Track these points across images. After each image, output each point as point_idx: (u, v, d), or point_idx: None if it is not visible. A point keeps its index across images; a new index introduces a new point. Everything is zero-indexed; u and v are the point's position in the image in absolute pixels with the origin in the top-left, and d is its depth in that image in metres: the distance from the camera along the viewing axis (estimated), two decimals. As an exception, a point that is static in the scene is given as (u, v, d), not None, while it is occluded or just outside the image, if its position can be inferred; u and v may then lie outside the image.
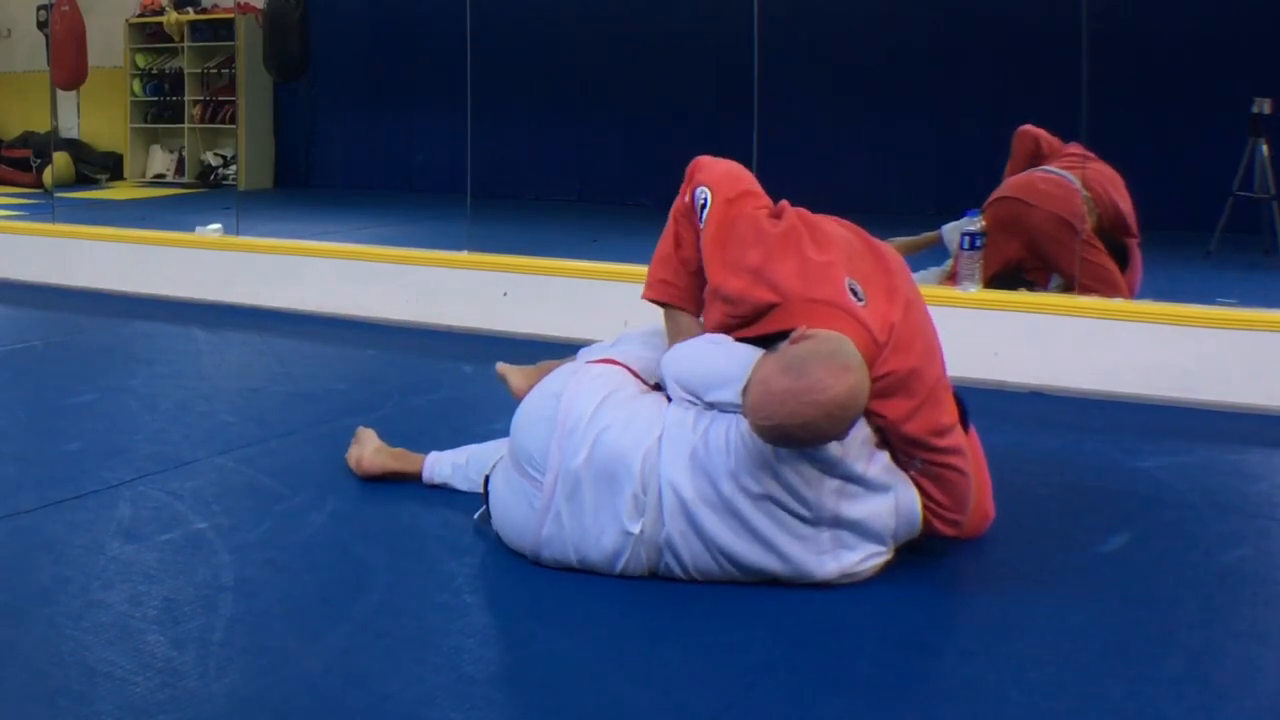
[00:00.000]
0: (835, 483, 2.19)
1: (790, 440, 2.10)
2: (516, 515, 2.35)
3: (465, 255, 5.00)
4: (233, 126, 9.30)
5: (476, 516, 2.55)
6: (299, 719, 1.81)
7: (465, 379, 4.05)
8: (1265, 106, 5.09)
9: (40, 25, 8.66)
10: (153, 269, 5.54)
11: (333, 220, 7.49)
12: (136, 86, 9.93)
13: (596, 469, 2.24)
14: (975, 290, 4.09)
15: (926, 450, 2.28)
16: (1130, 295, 4.28)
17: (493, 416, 3.20)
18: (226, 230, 5.67)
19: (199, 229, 5.67)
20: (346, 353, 4.53)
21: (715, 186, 2.45)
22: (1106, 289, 4.19)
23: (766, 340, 2.28)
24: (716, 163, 2.54)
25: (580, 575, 2.31)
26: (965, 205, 4.45)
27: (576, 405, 2.30)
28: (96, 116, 9.72)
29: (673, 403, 2.33)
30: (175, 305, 5.30)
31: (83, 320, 5.05)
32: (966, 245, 4.15)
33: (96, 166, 9.64)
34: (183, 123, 9.72)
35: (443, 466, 2.79)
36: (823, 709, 1.86)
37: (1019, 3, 6.57)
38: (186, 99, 9.69)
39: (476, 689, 1.90)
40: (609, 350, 2.53)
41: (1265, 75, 5.40)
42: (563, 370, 2.49)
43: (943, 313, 2.93)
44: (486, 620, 2.19)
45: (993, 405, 3.35)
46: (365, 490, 2.82)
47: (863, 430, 2.23)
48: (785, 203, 2.51)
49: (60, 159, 8.92)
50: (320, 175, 9.40)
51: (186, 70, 9.71)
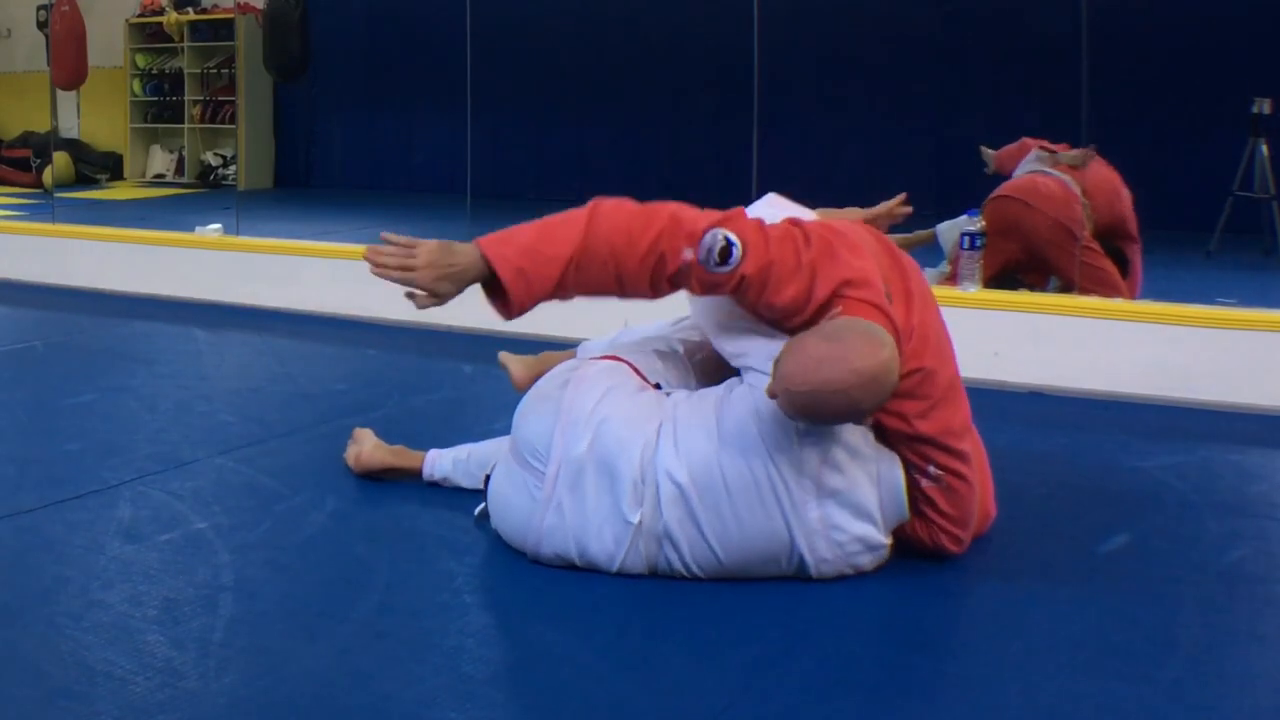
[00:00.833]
0: (818, 451, 2.20)
1: (821, 409, 2.10)
2: (518, 507, 2.36)
3: (465, 255, 4.99)
4: (233, 126, 9.30)
5: (477, 513, 2.56)
6: (299, 719, 1.81)
7: (465, 379, 4.05)
8: (1265, 106, 5.09)
9: (40, 25, 8.66)
10: (153, 269, 5.54)
11: (333, 220, 7.49)
12: (136, 86, 9.93)
13: (598, 459, 2.26)
14: (975, 290, 4.09)
15: (939, 450, 2.30)
16: (1130, 299, 4.28)
17: (493, 416, 3.20)
18: (226, 230, 5.67)
19: (199, 229, 5.67)
20: (346, 353, 4.53)
21: (739, 231, 2.25)
22: (1106, 291, 4.19)
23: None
24: (680, 208, 2.29)
25: (580, 575, 2.31)
26: (965, 205, 4.45)
27: (580, 397, 2.33)
28: (96, 116, 9.71)
29: (674, 396, 2.36)
30: (175, 305, 5.30)
31: (83, 320, 5.05)
32: (966, 245, 4.16)
33: (96, 166, 9.63)
34: (183, 123, 9.72)
35: (443, 462, 2.80)
36: (823, 708, 1.86)
37: (1019, 3, 6.57)
38: (186, 99, 9.69)
39: (476, 689, 1.90)
40: (610, 347, 2.54)
41: (1265, 75, 5.40)
42: (565, 365, 2.51)
43: (942, 313, 2.94)
44: (486, 620, 2.19)
45: (993, 405, 3.34)
46: (365, 490, 2.82)
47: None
48: (798, 219, 2.43)
49: (60, 159, 8.92)
50: (320, 175, 9.39)
51: (186, 70, 9.71)
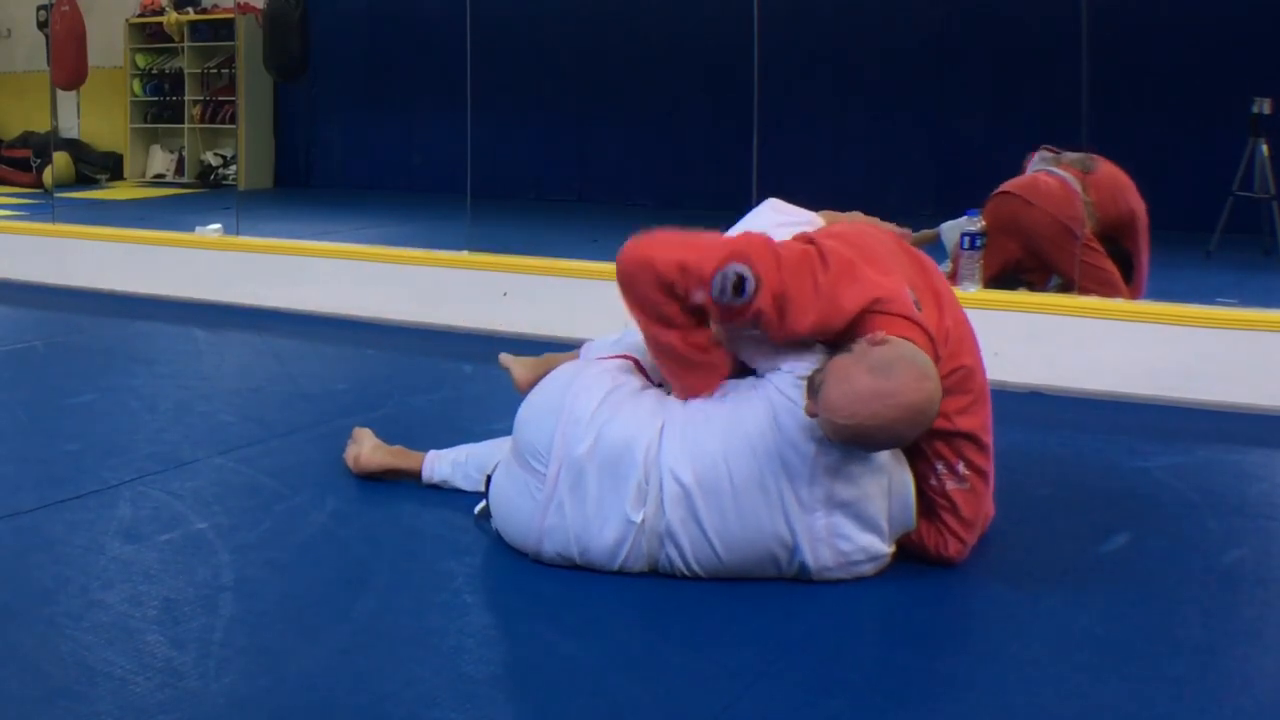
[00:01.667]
0: (833, 463, 2.20)
1: (863, 440, 2.14)
2: (519, 508, 2.36)
3: (465, 255, 5.01)
4: (233, 126, 9.29)
5: (477, 511, 2.56)
6: (299, 719, 1.81)
7: (465, 379, 4.05)
8: (1265, 106, 5.09)
9: (40, 25, 8.65)
10: (153, 269, 5.54)
11: (333, 220, 7.49)
12: (136, 86, 9.92)
13: (601, 458, 2.27)
14: (975, 290, 4.08)
15: (975, 447, 2.33)
16: (1133, 299, 4.28)
17: (493, 416, 3.20)
18: (226, 230, 5.67)
19: (199, 229, 5.67)
20: (346, 353, 4.53)
21: (751, 256, 2.23)
22: (1106, 291, 4.19)
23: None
24: (691, 235, 2.34)
25: (580, 575, 2.31)
26: (964, 205, 4.44)
27: (582, 398, 2.33)
28: (96, 116, 9.71)
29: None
30: (175, 305, 5.30)
31: (83, 320, 5.05)
32: (966, 245, 4.15)
33: (96, 166, 9.63)
34: (183, 123, 9.71)
35: (442, 464, 2.80)
36: (823, 709, 1.86)
37: (1019, 3, 6.57)
38: (186, 99, 9.68)
39: (476, 689, 1.90)
40: (615, 346, 2.54)
41: (1265, 75, 5.40)
42: (568, 366, 2.51)
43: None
44: (486, 620, 2.19)
45: (993, 405, 3.34)
46: (365, 490, 2.82)
47: None
48: (814, 236, 2.40)
49: (60, 159, 8.91)
50: (320, 175, 9.39)
51: (186, 70, 9.70)
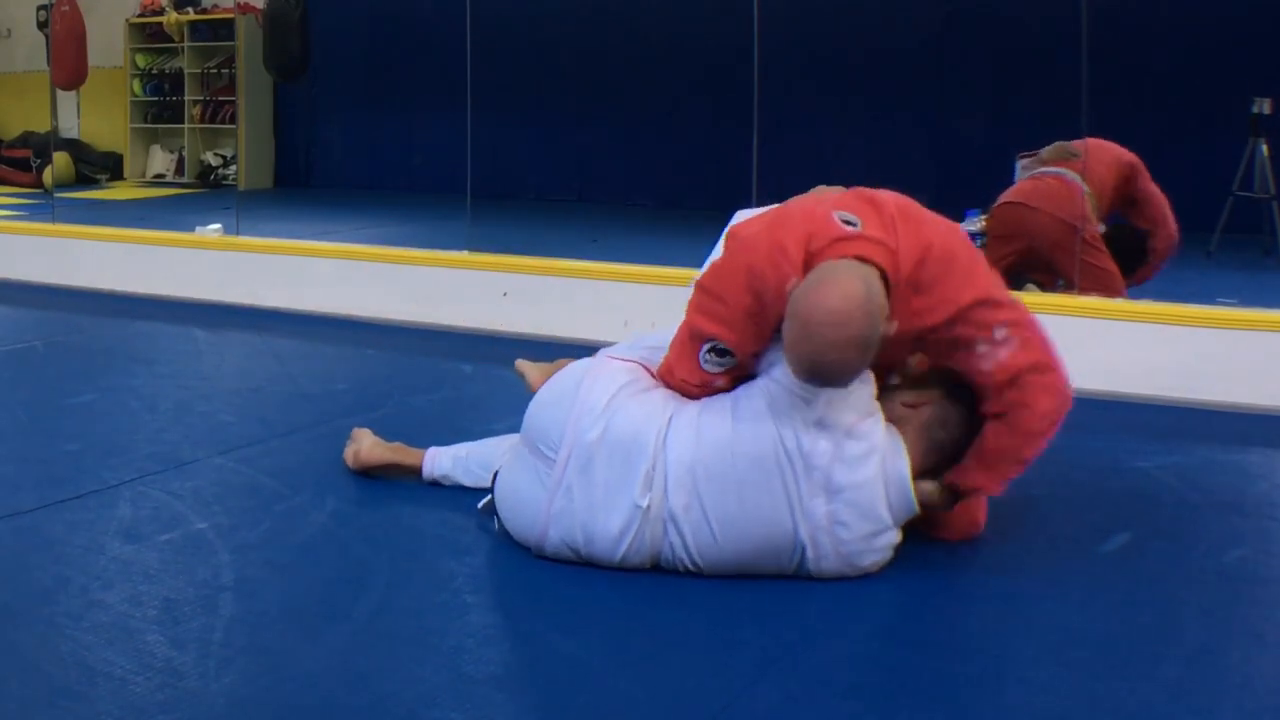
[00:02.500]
0: (829, 444, 2.23)
1: (822, 368, 2.16)
2: (527, 495, 2.37)
3: (465, 255, 5.00)
4: (233, 126, 9.29)
5: (480, 506, 2.56)
6: (299, 719, 1.81)
7: (465, 379, 4.05)
8: (1265, 106, 5.09)
9: (40, 25, 8.65)
10: (153, 269, 5.54)
11: (333, 220, 7.49)
12: (136, 86, 9.92)
13: (610, 445, 2.30)
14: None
15: (994, 307, 2.27)
16: (1144, 279, 4.31)
17: (493, 417, 3.20)
18: (226, 230, 5.66)
19: (199, 229, 5.67)
20: (346, 353, 4.53)
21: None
22: (1105, 293, 4.18)
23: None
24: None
25: (581, 575, 2.31)
26: (964, 205, 4.45)
27: (595, 388, 2.37)
28: (96, 116, 9.71)
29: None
30: (175, 305, 5.30)
31: (83, 320, 5.05)
32: (966, 245, 4.15)
33: (96, 166, 9.63)
34: (183, 123, 9.71)
35: (443, 460, 2.81)
36: (823, 709, 1.86)
37: (1019, 3, 6.57)
38: (186, 99, 9.68)
39: (476, 689, 1.90)
40: (628, 352, 2.56)
41: (1265, 75, 5.40)
42: (581, 361, 2.54)
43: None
44: (486, 620, 2.19)
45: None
46: (365, 490, 2.82)
47: (865, 387, 2.29)
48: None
49: (60, 159, 8.91)
50: (320, 175, 9.39)
51: (186, 70, 9.70)
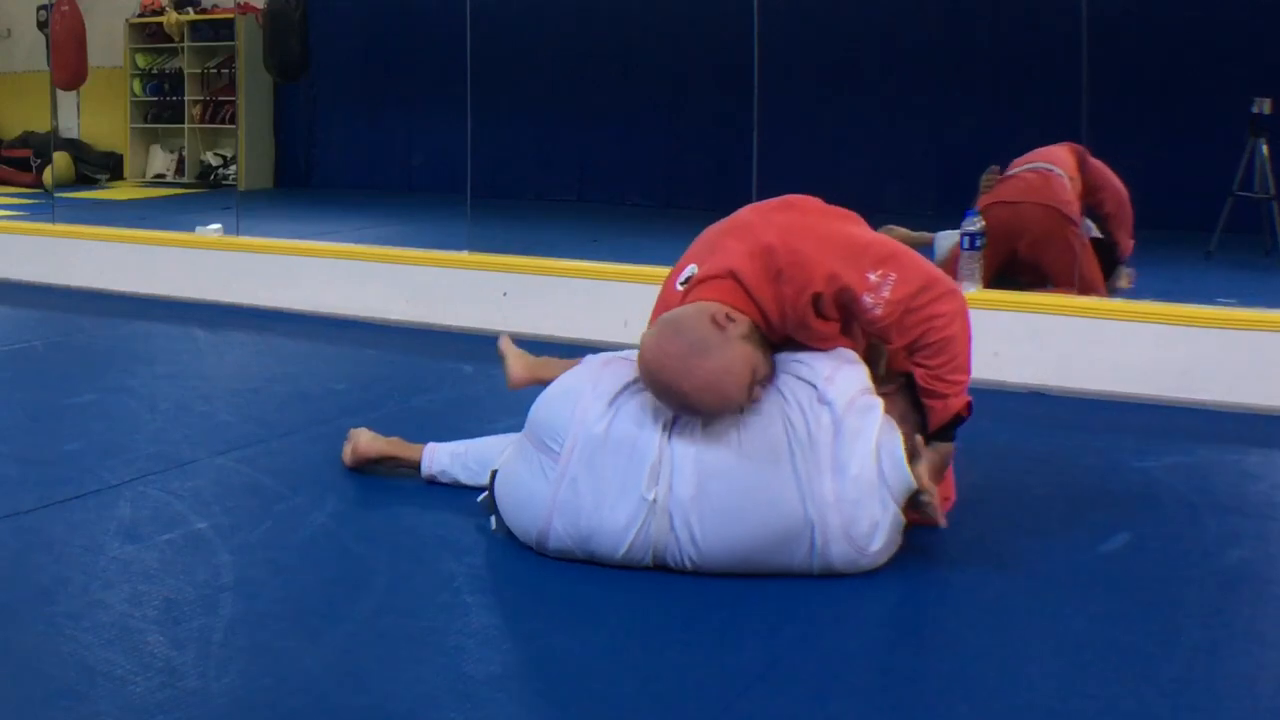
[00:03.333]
0: (830, 419, 2.26)
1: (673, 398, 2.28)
2: (530, 489, 2.37)
3: (465, 255, 5.00)
4: (233, 126, 9.29)
5: (480, 500, 2.56)
6: (299, 719, 1.81)
7: (465, 379, 4.05)
8: (1265, 106, 5.09)
9: (40, 25, 8.66)
10: (153, 269, 5.54)
11: (333, 220, 7.49)
12: (136, 86, 9.92)
13: (617, 437, 2.31)
14: (975, 290, 4.08)
15: (855, 269, 2.34)
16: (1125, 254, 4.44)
17: (493, 417, 3.20)
18: (226, 230, 5.66)
19: (199, 229, 5.67)
20: (346, 353, 4.53)
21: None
22: (1086, 291, 4.21)
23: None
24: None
25: (582, 574, 2.31)
26: (964, 205, 4.44)
27: (602, 383, 2.39)
28: (96, 116, 9.71)
29: None
30: (175, 305, 5.30)
31: (83, 320, 5.05)
32: (966, 245, 4.15)
33: (96, 166, 9.63)
34: (183, 123, 9.71)
35: (441, 456, 2.81)
36: (823, 709, 1.86)
37: (1019, 3, 6.57)
38: (186, 99, 9.69)
39: (476, 689, 1.90)
40: (626, 355, 2.56)
41: (1265, 75, 5.40)
42: (586, 361, 2.55)
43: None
44: (486, 620, 2.19)
45: (993, 405, 3.34)
46: (365, 490, 2.82)
47: (855, 385, 2.33)
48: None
49: (60, 159, 8.91)
50: (320, 175, 9.39)
51: (186, 70, 9.70)
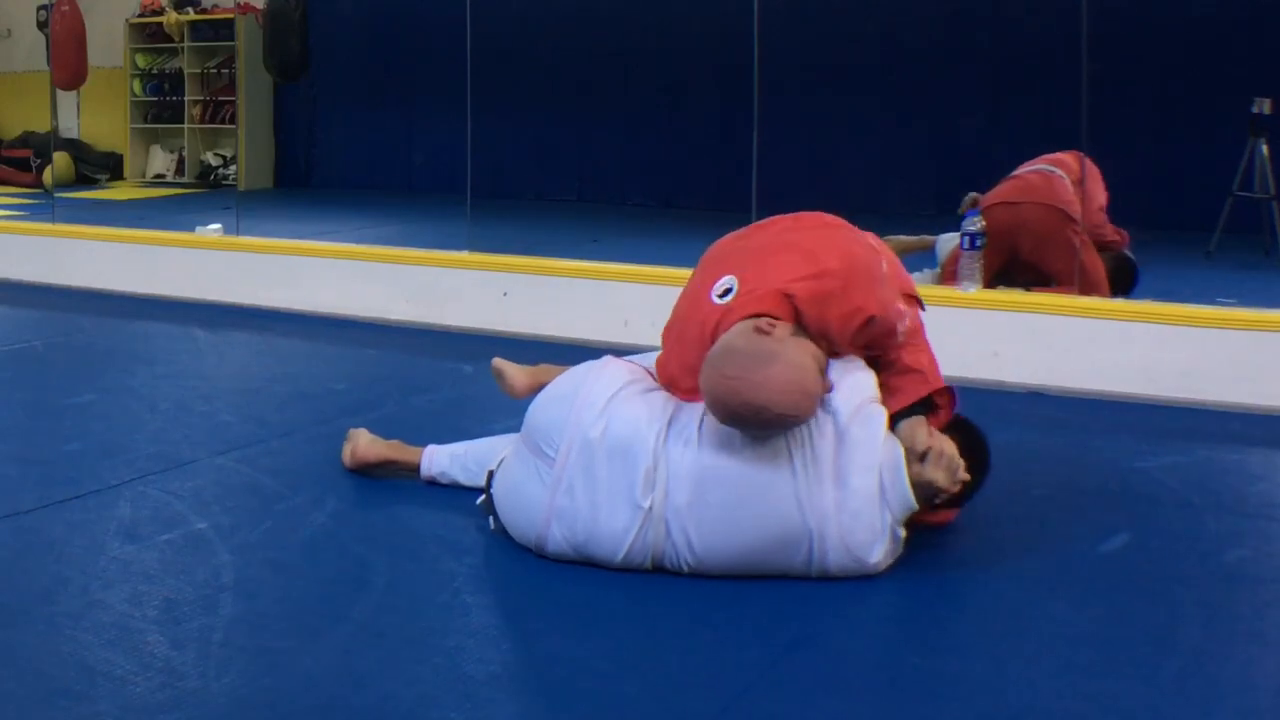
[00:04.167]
0: (832, 435, 2.25)
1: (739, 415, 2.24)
2: (528, 494, 2.37)
3: (465, 255, 5.01)
4: (233, 126, 9.29)
5: (479, 502, 2.56)
6: (299, 719, 1.81)
7: (465, 379, 4.05)
8: (1265, 106, 5.10)
9: (40, 25, 8.65)
10: (153, 269, 5.54)
11: (333, 220, 7.48)
12: (136, 86, 9.92)
13: (611, 444, 2.30)
14: (975, 290, 4.09)
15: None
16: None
17: (493, 417, 3.20)
18: (226, 230, 5.66)
19: (199, 229, 5.67)
20: (346, 353, 4.53)
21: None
22: (1090, 289, 4.20)
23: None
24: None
25: (581, 574, 2.31)
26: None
27: (598, 387, 2.38)
28: (96, 116, 9.71)
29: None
30: (175, 305, 5.30)
31: (83, 320, 5.05)
32: (967, 245, 4.15)
33: (96, 166, 9.62)
34: (183, 123, 9.71)
35: (440, 457, 2.81)
36: (823, 709, 1.86)
37: (1019, 3, 6.57)
38: (186, 99, 9.68)
39: (476, 689, 1.90)
40: (630, 359, 2.57)
41: (1265, 75, 5.40)
42: (583, 365, 2.54)
43: (942, 313, 2.94)
44: (486, 620, 2.19)
45: (993, 405, 3.35)
46: (365, 490, 2.82)
47: (861, 393, 2.32)
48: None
49: (60, 159, 8.91)
50: (320, 175, 9.39)
51: (186, 70, 9.70)
